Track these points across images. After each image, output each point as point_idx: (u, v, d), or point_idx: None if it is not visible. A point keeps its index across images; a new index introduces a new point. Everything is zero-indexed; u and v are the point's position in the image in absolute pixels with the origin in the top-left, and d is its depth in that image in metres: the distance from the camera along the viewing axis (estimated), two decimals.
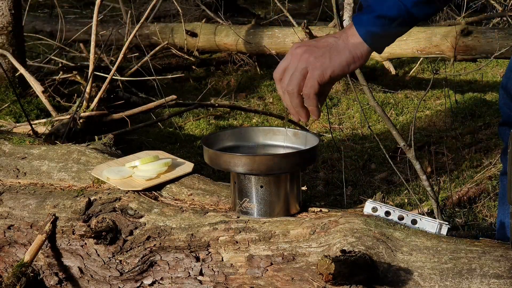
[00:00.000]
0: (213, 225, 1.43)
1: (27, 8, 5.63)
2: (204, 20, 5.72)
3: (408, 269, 1.23)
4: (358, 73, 2.17)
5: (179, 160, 1.73)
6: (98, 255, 1.53)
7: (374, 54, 4.57)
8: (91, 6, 7.61)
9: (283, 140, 1.56)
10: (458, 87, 4.46)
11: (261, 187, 1.41)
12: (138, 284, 1.50)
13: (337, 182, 3.04)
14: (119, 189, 1.60)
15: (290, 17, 4.47)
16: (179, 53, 5.14)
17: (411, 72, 5.05)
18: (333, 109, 4.24)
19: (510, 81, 1.62)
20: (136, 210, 1.53)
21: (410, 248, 1.26)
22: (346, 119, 4.08)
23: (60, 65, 4.45)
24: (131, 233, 1.50)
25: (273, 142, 1.57)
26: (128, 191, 1.58)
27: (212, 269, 1.41)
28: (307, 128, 3.87)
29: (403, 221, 1.33)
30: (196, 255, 1.43)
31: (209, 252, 1.42)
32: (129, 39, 3.27)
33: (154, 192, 1.59)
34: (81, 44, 5.21)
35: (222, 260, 1.40)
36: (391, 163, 2.17)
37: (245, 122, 4.10)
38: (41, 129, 2.96)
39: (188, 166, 1.68)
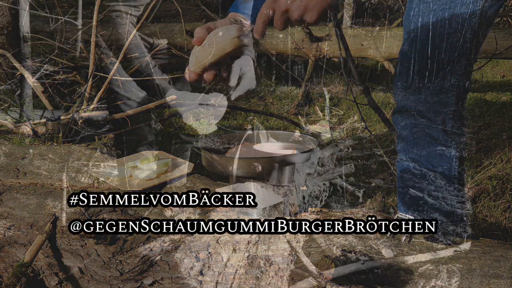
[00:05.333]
0: (213, 225, 1.43)
1: (27, 8, 5.63)
2: (204, 20, 5.72)
3: (408, 269, 1.23)
4: (356, 74, 2.16)
5: (179, 160, 1.73)
6: (98, 255, 1.53)
7: (374, 55, 4.57)
8: (91, 6, 7.62)
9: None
10: None
11: (261, 187, 1.41)
12: (138, 284, 1.50)
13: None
14: (119, 189, 1.60)
15: None
16: (179, 53, 5.14)
17: None
18: (333, 109, 4.23)
19: (401, 67, 1.72)
20: (136, 210, 1.53)
21: (410, 248, 1.26)
22: (346, 119, 4.07)
23: (60, 65, 4.45)
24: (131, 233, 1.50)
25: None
26: (128, 191, 1.58)
27: (212, 269, 1.41)
28: (307, 128, 3.87)
29: None
30: (196, 255, 1.43)
31: (209, 252, 1.41)
32: (129, 39, 3.26)
33: (154, 192, 1.59)
34: (81, 44, 5.21)
35: (222, 260, 1.40)
36: (389, 163, 2.17)
37: (245, 122, 4.10)
38: (41, 129, 2.95)
39: (188, 167, 1.68)
